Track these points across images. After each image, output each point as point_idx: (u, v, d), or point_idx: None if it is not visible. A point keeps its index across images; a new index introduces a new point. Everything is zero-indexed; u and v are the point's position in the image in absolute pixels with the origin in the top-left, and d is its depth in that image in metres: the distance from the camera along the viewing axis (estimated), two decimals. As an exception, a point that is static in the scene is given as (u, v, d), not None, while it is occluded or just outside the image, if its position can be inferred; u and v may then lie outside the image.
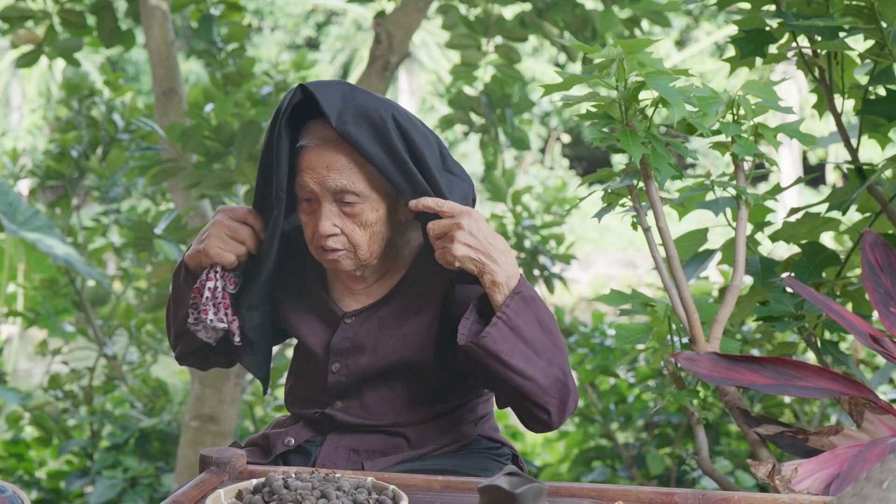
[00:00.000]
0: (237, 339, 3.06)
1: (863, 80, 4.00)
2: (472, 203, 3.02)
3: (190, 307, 3.07)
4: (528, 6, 6.93)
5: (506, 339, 2.84)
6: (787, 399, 6.11)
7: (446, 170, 3.00)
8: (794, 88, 21.19)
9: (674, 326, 3.59)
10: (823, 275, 3.91)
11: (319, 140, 2.92)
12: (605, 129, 3.28)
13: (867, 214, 4.06)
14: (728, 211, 3.65)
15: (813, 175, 3.97)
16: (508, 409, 3.03)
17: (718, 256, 4.03)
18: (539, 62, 25.48)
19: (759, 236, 4.07)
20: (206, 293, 3.03)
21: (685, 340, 3.56)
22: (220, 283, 3.03)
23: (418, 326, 3.03)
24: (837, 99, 3.94)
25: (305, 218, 2.98)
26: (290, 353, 7.14)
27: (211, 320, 3.03)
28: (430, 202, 2.87)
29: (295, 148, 2.96)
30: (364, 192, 2.92)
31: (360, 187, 2.92)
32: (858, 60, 3.96)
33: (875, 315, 3.86)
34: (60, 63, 8.75)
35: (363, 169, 2.91)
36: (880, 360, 6.32)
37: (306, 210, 2.98)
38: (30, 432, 8.46)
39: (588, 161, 28.89)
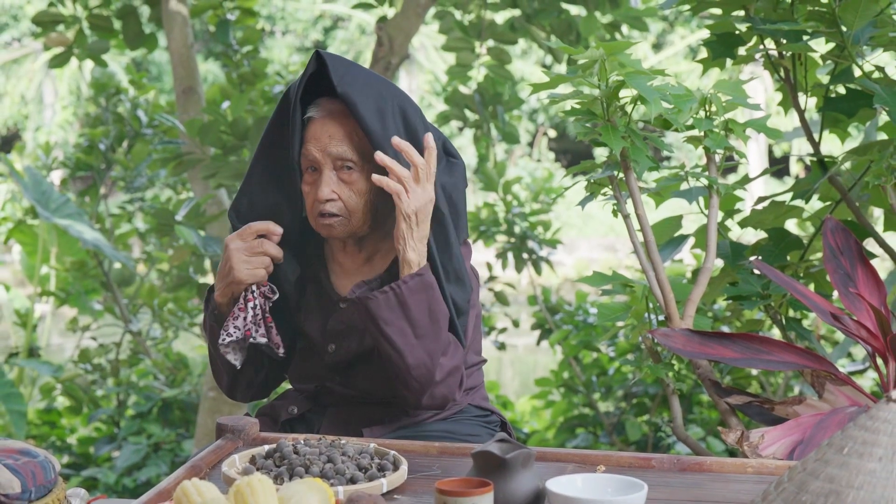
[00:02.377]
0: (281, 351, 3.04)
1: (824, 79, 3.99)
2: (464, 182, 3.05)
3: (222, 331, 3.01)
4: (517, 12, 6.91)
5: (391, 309, 2.85)
6: (754, 371, 6.11)
7: (446, 152, 3.01)
8: (761, 87, 21.18)
9: (651, 305, 3.60)
10: (788, 258, 3.92)
11: (325, 112, 2.96)
12: (588, 125, 3.28)
13: (828, 203, 4.06)
14: (701, 199, 3.64)
15: (778, 167, 3.97)
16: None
17: (692, 241, 4.03)
18: (528, 63, 25.45)
19: (729, 223, 4.07)
20: (250, 312, 2.98)
21: (661, 318, 3.56)
22: (259, 300, 3.00)
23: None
24: (801, 97, 3.94)
25: (307, 188, 2.98)
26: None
27: (254, 338, 2.99)
28: (404, 145, 2.87)
29: (303, 120, 2.98)
30: (361, 161, 2.94)
31: (357, 156, 2.94)
32: (820, 61, 3.96)
33: (835, 294, 3.87)
34: (89, 64, 8.74)
35: (362, 140, 2.93)
36: (840, 335, 6.32)
37: (308, 181, 2.98)
38: (61, 402, 8.46)
39: (572, 154, 28.86)
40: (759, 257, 3.85)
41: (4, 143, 27.71)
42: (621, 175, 3.36)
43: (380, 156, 2.87)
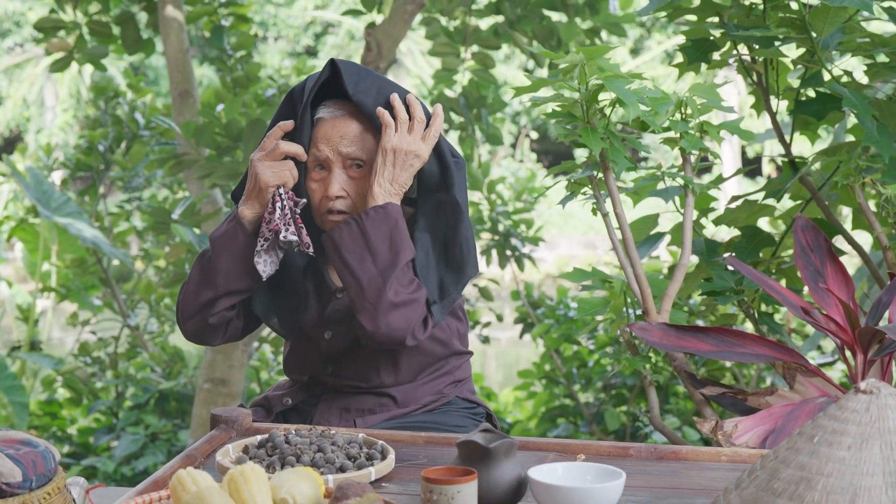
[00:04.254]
0: (311, 250, 2.94)
1: (795, 83, 4.00)
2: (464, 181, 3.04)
3: (259, 238, 2.94)
4: (501, 18, 6.92)
5: (353, 238, 2.86)
6: (728, 363, 6.11)
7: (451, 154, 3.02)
8: (734, 90, 21.20)
9: (629, 300, 3.60)
10: (760, 255, 3.92)
11: (336, 113, 2.95)
12: (568, 126, 3.28)
13: (799, 201, 4.07)
14: (676, 198, 3.65)
15: (751, 167, 3.97)
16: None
17: (668, 238, 4.04)
18: (510, 68, 25.45)
19: (703, 221, 4.08)
20: (278, 212, 2.91)
21: (639, 312, 3.56)
22: (288, 202, 2.95)
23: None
24: (773, 100, 3.95)
25: (315, 185, 2.97)
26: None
27: (284, 236, 2.89)
28: (412, 101, 2.95)
29: (312, 120, 2.96)
30: (371, 160, 2.93)
31: (368, 156, 2.93)
32: (791, 66, 3.96)
33: (805, 290, 3.87)
34: (89, 68, 8.72)
35: (372, 140, 2.93)
36: (810, 329, 6.33)
37: (316, 178, 2.97)
38: (62, 393, 8.45)
39: (553, 155, 28.87)
40: (733, 254, 3.85)
41: (7, 144, 27.66)
42: (600, 175, 3.36)
43: (394, 97, 2.92)
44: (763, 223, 5.22)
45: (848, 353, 3.17)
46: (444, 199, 2.97)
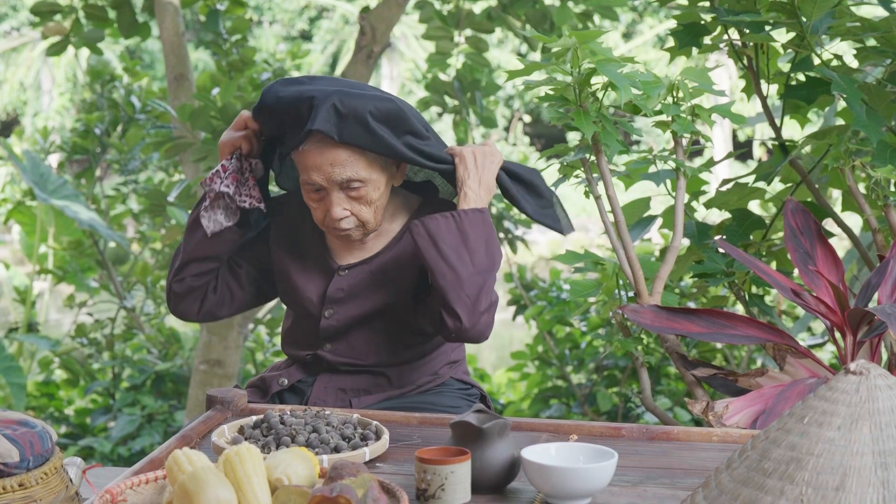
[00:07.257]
0: (262, 205, 3.04)
1: (785, 67, 4.00)
2: None
3: (206, 194, 3.02)
4: (494, 2, 6.91)
5: (450, 232, 2.86)
6: (718, 345, 6.12)
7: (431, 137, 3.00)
8: (725, 75, 21.19)
9: (621, 282, 3.60)
10: (751, 237, 3.92)
11: (318, 142, 2.88)
12: (561, 110, 3.28)
13: (789, 184, 4.07)
14: (668, 181, 3.65)
15: (742, 150, 3.97)
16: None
17: (659, 221, 4.03)
18: (504, 51, 25.40)
19: (695, 204, 4.07)
20: (219, 169, 2.98)
21: (631, 294, 3.57)
22: (234, 163, 2.99)
23: (405, 277, 3.02)
24: (763, 84, 3.95)
25: (314, 203, 2.96)
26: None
27: (218, 187, 2.96)
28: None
29: (297, 150, 2.92)
30: (366, 176, 2.90)
31: (362, 174, 2.89)
32: (781, 50, 3.96)
33: (795, 272, 3.87)
34: (85, 52, 8.69)
35: (362, 157, 2.89)
36: (800, 311, 6.33)
37: (315, 198, 2.95)
38: (59, 375, 8.44)
39: (546, 138, 28.82)
40: (724, 237, 3.85)
41: (4, 127, 27.60)
42: (593, 158, 3.36)
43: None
44: (754, 206, 5.22)
45: (837, 335, 3.18)
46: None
